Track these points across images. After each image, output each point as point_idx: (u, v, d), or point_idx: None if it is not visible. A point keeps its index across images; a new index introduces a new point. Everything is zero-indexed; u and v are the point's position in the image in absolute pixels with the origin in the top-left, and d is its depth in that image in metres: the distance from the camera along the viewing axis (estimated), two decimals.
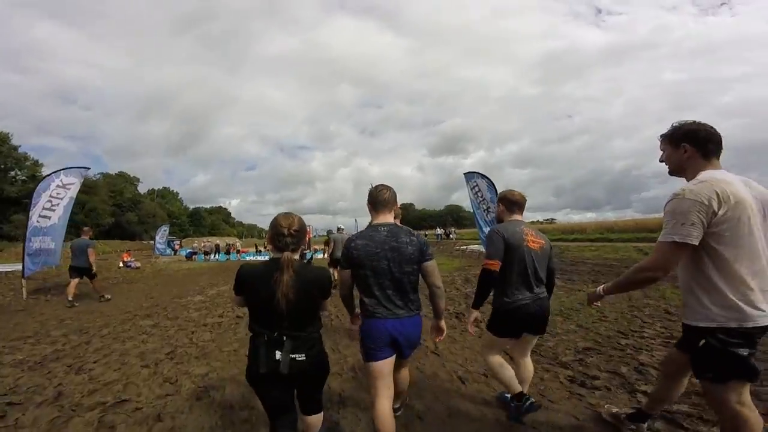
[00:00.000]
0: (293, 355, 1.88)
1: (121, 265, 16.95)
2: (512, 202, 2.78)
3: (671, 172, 1.95)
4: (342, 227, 9.22)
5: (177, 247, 32.22)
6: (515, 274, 2.58)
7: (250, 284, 1.94)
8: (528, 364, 2.87)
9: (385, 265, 2.24)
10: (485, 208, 10.28)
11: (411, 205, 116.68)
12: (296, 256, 1.96)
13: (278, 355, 1.87)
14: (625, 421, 2.50)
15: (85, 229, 8.74)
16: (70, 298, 7.83)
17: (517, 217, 2.76)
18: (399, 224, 2.44)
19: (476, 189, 10.64)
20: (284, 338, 1.89)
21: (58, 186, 9.89)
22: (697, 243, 1.66)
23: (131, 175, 63.67)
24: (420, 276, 2.35)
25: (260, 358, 1.88)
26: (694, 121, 1.85)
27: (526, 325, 2.66)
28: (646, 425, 2.45)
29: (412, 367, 3.23)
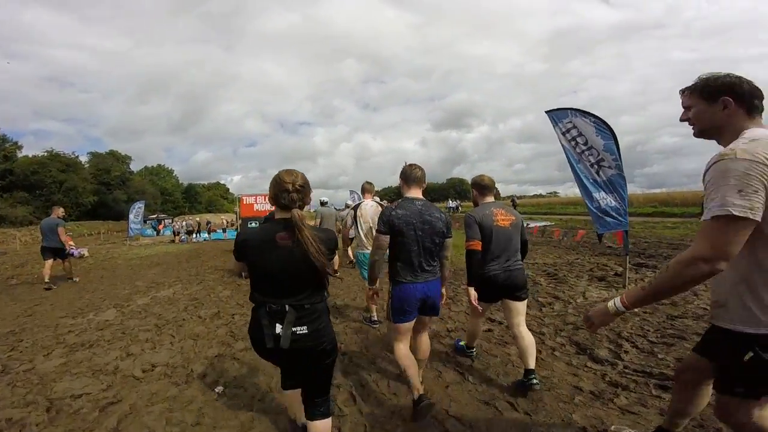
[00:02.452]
0: (295, 328, 1.81)
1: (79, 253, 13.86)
2: (483, 186, 3.17)
3: (701, 132, 1.55)
4: (326, 200, 7.85)
5: (160, 227, 29.20)
6: (486, 250, 2.95)
7: (251, 249, 1.85)
8: (524, 334, 3.02)
9: (420, 235, 2.58)
10: (594, 161, 5.79)
11: None
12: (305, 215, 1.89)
13: (278, 328, 1.80)
14: None
15: (55, 208, 8.54)
16: (46, 280, 7.92)
17: (488, 199, 3.15)
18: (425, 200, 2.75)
19: (572, 132, 5.99)
20: (285, 308, 1.81)
21: None
22: (760, 219, 1.25)
23: (123, 154, 61.83)
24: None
25: (264, 330, 1.81)
26: (728, 73, 1.47)
27: (500, 292, 3.05)
28: None
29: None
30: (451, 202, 46.10)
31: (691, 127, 1.57)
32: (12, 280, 9.28)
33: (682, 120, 1.60)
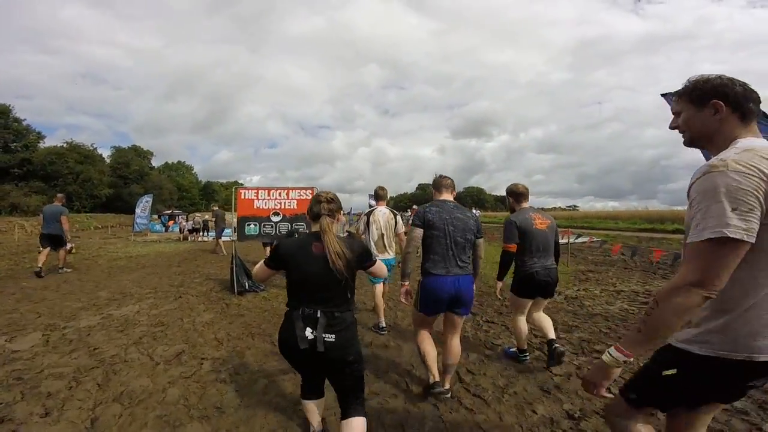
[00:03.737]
0: (324, 335, 1.88)
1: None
2: (519, 194, 3.48)
3: (691, 141, 1.41)
4: None
5: (170, 223, 27.78)
6: (528, 250, 3.28)
7: (290, 257, 1.97)
8: (543, 315, 3.55)
9: (451, 230, 2.74)
10: None
11: (429, 185, 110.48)
12: (335, 228, 2.04)
13: (309, 332, 1.88)
14: None
15: (59, 195, 8.49)
16: (39, 265, 7.77)
17: (525, 205, 3.45)
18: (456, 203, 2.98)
19: None
20: (318, 313, 1.90)
21: None
22: (754, 240, 1.12)
23: (145, 149, 62.38)
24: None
25: (297, 332, 1.89)
26: (720, 75, 1.33)
27: (539, 288, 3.36)
28: None
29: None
30: (475, 210, 43.64)
31: (681, 135, 1.43)
32: None
33: (671, 128, 1.47)
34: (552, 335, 3.39)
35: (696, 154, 1.59)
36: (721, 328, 1.25)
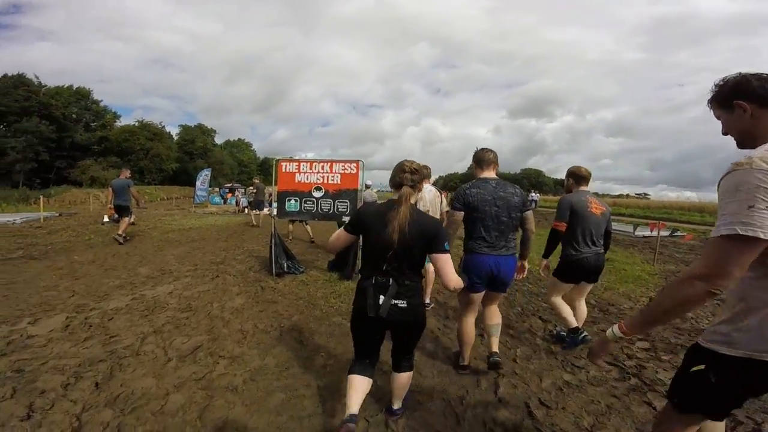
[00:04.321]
0: (395, 301, 1.96)
1: (106, 219, 12.68)
2: (580, 176, 3.36)
3: (740, 144, 1.34)
4: (370, 183, 7.38)
5: (228, 195, 28.68)
6: (579, 233, 3.18)
7: (368, 223, 2.01)
8: (583, 306, 3.56)
9: (495, 210, 2.66)
10: None
11: None
12: (413, 198, 2.06)
13: (381, 299, 1.96)
14: None
15: (123, 169, 9.26)
16: (121, 233, 8.60)
17: (583, 188, 3.36)
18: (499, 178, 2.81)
19: None
20: (390, 281, 1.96)
21: None
22: None
23: (209, 127, 64.98)
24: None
25: (368, 299, 1.98)
26: (737, 74, 1.31)
27: (585, 274, 3.31)
28: None
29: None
30: (533, 194, 38.98)
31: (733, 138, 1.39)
32: (19, 251, 7.84)
33: (723, 134, 1.40)
34: (580, 324, 3.42)
35: None
36: (749, 328, 1.21)
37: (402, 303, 1.96)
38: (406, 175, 2.02)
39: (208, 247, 8.69)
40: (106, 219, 12.79)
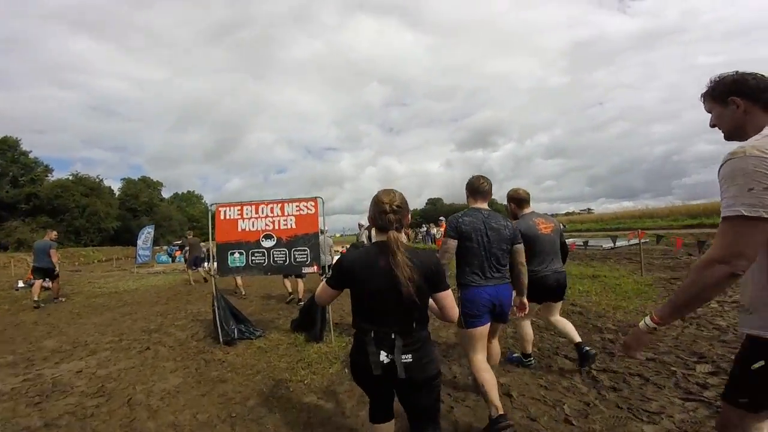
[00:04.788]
0: (402, 356, 1.68)
1: (21, 284, 10.76)
2: (520, 199, 3.40)
3: (728, 136, 1.48)
4: (325, 228, 5.77)
5: (177, 253, 26.42)
6: (536, 256, 3.17)
7: (354, 274, 1.74)
8: (561, 319, 3.49)
9: (486, 241, 2.57)
10: None
11: (439, 199, 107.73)
12: (402, 238, 1.83)
13: (383, 356, 1.68)
14: None
15: (49, 231, 9.14)
16: (35, 299, 7.93)
17: (527, 210, 3.38)
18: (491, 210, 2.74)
19: None
20: (393, 336, 1.68)
21: None
22: None
23: (154, 180, 61.63)
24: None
25: (370, 357, 1.68)
26: (734, 72, 1.44)
27: (547, 293, 3.30)
28: None
29: None
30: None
31: (720, 131, 1.51)
32: None
33: (711, 126, 1.53)
34: (578, 339, 3.37)
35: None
36: None
37: (407, 358, 1.68)
38: (389, 217, 1.74)
39: (141, 312, 7.20)
40: (20, 284, 10.95)
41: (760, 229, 1.17)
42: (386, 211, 1.73)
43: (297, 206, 4.75)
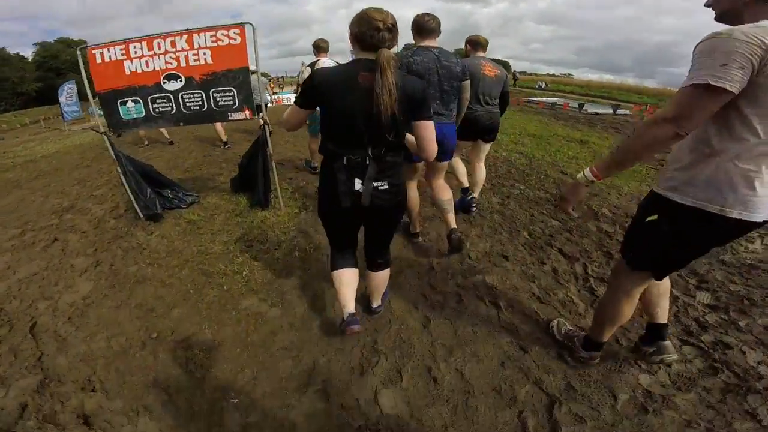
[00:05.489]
0: (376, 184, 1.61)
1: None
2: (477, 43, 3.38)
3: (720, 17, 1.35)
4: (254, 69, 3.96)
5: None
6: (473, 94, 3.08)
7: (330, 90, 1.52)
8: (481, 169, 3.71)
9: (436, 78, 2.52)
10: None
11: (413, 45, 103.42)
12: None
13: (358, 184, 1.59)
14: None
15: None
16: None
17: (480, 53, 3.37)
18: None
19: None
20: (367, 161, 1.57)
21: None
22: (737, 92, 1.15)
23: (76, 39, 55.97)
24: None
25: (339, 186, 1.59)
26: None
27: (480, 131, 3.39)
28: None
29: None
30: None
31: (713, 10, 1.38)
32: None
33: (706, 5, 1.40)
34: (476, 193, 3.72)
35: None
36: (700, 178, 1.28)
37: (383, 185, 1.62)
38: (383, 34, 1.49)
39: (56, 182, 5.93)
40: None
41: (717, 99, 1.15)
42: (380, 28, 1.49)
43: (213, 36, 3.27)
